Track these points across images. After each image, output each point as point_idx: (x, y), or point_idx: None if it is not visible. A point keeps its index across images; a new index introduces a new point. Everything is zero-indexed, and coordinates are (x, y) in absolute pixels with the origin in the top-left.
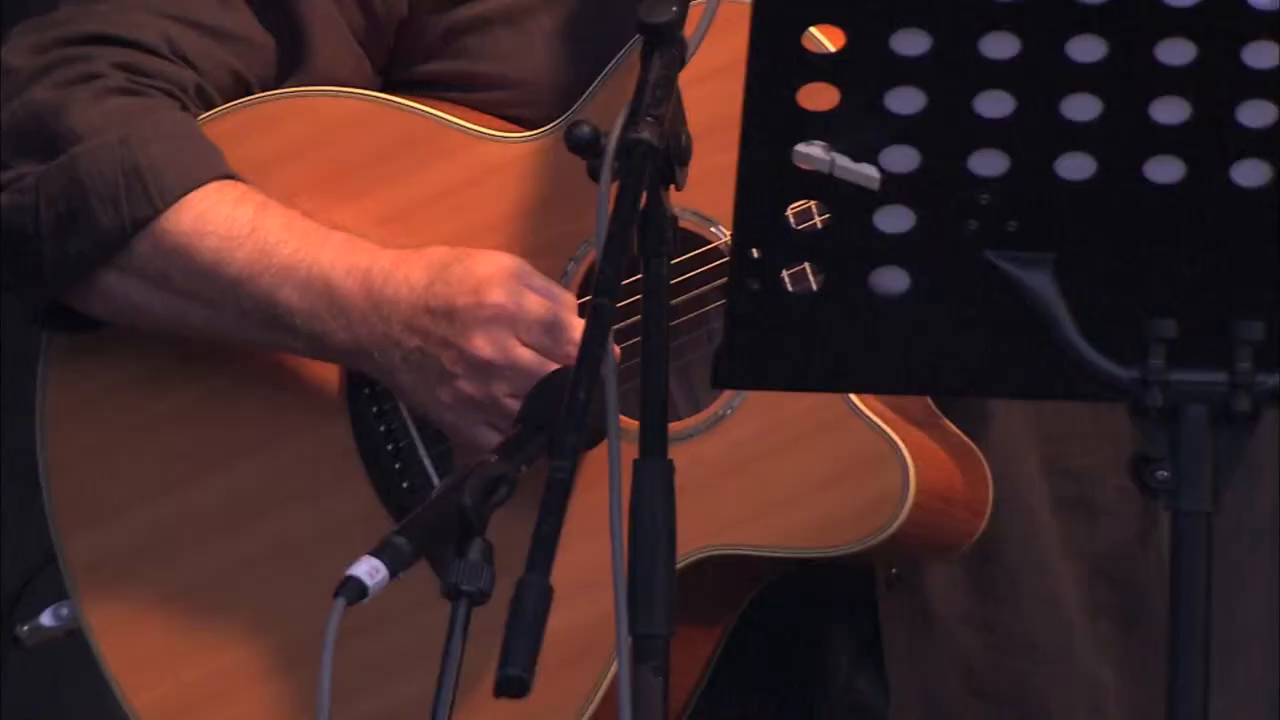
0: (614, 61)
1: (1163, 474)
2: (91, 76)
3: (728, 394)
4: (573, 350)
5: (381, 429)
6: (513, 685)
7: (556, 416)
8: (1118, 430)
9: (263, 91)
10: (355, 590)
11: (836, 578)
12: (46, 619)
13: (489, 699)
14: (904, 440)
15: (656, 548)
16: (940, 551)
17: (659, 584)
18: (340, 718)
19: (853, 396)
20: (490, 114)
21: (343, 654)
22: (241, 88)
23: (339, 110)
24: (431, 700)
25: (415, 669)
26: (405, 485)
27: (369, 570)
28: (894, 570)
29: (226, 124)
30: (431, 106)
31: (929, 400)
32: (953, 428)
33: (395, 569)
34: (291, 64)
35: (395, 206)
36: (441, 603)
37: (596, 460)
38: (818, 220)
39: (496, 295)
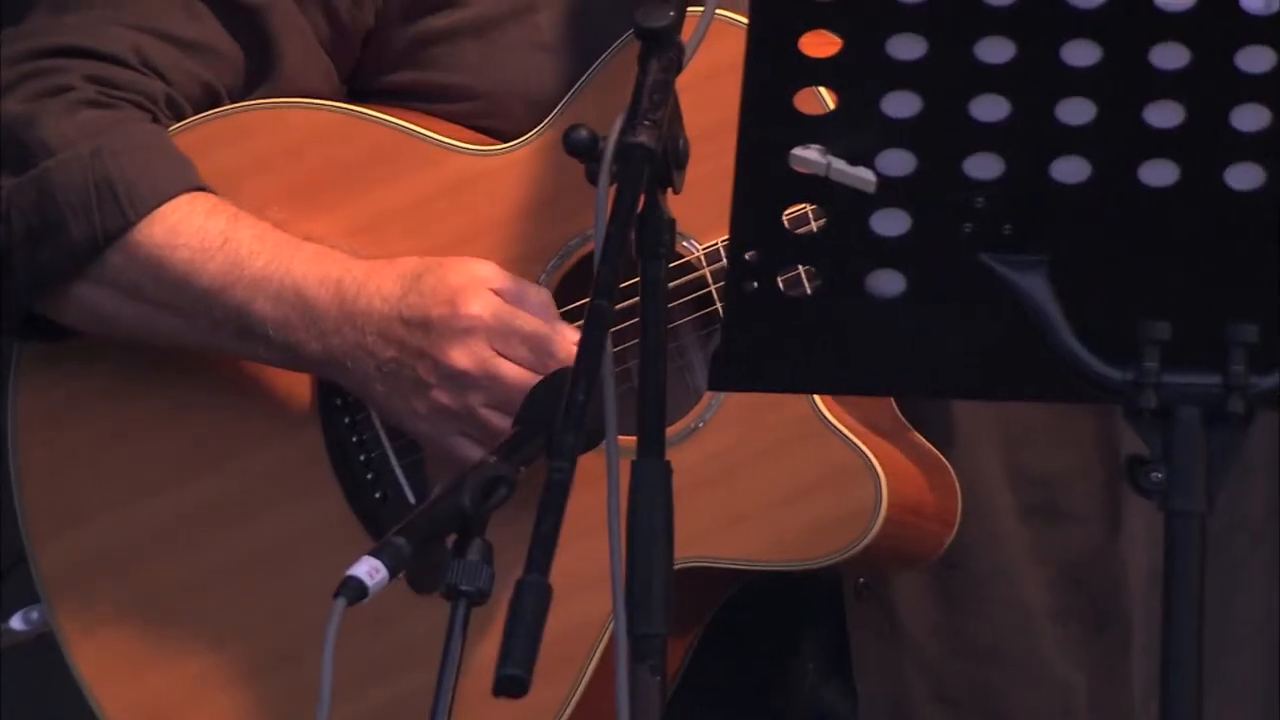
0: (591, 69)
1: (1156, 475)
2: (62, 89)
3: (700, 406)
4: (550, 358)
5: (353, 439)
6: (512, 684)
7: (554, 418)
8: (1082, 435)
9: (233, 102)
10: (355, 590)
11: (805, 587)
12: (16, 623)
13: (488, 699)
14: (876, 454)
15: (654, 548)
16: (910, 562)
17: (656, 584)
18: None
19: (825, 411)
20: (458, 124)
21: (340, 653)
22: (211, 98)
23: (309, 122)
24: (418, 700)
25: (400, 670)
26: (377, 495)
27: (369, 570)
28: (862, 580)
29: (197, 135)
30: (399, 117)
31: (896, 411)
32: (921, 439)
33: (395, 569)
34: (260, 74)
35: (367, 218)
36: (425, 604)
37: (589, 462)
38: (814, 224)
39: (472, 306)
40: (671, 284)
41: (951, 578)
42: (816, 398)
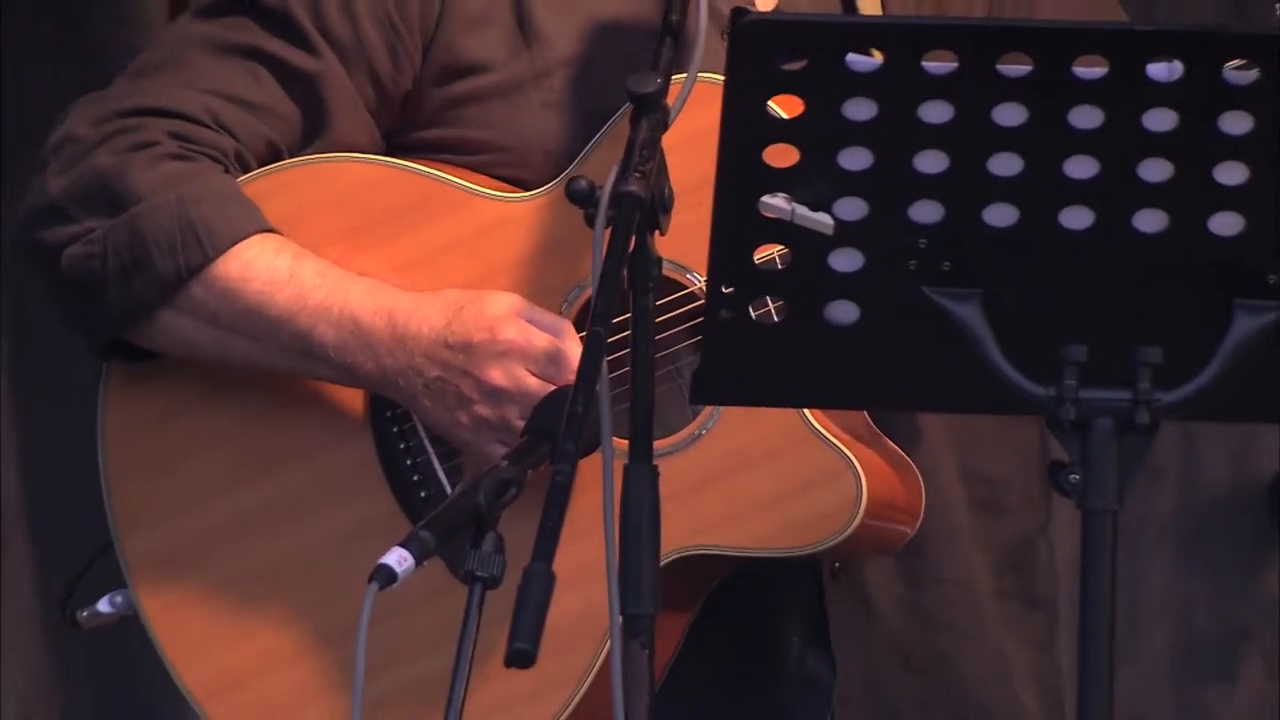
0: (602, 131)
1: (1074, 477)
2: (148, 144)
3: (704, 416)
4: (571, 375)
5: (401, 446)
6: (521, 657)
7: (558, 428)
8: (1021, 442)
9: (290, 156)
10: (386, 576)
11: (788, 571)
12: (103, 606)
13: (499, 671)
14: (856, 457)
15: (643, 539)
16: (883, 550)
17: (646, 570)
18: (371, 688)
19: (812, 419)
20: (482, 173)
21: (375, 633)
22: (273, 153)
23: (358, 173)
24: (448, 673)
25: (435, 647)
26: (422, 494)
27: (398, 559)
28: (837, 564)
29: (263, 184)
30: (434, 168)
31: (868, 419)
32: (891, 444)
33: (421, 558)
34: (314, 132)
35: (411, 255)
36: (455, 591)
37: (591, 466)
38: (777, 260)
39: (508, 332)
40: (676, 311)
41: (914, 562)
42: None
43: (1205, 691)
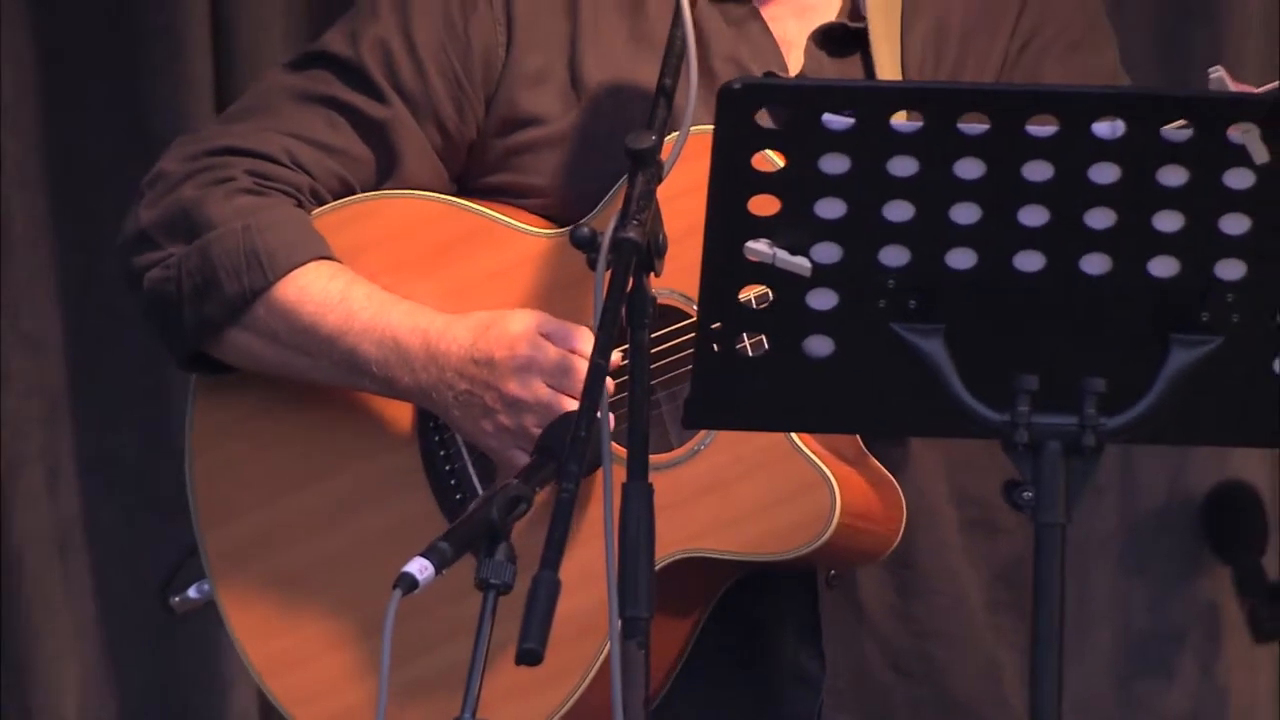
0: (619, 183)
1: (1027, 494)
2: (227, 180)
3: (701, 434)
4: (579, 385)
5: (441, 453)
6: (529, 655)
7: (563, 449)
8: (1009, 467)
9: (363, 192)
10: (409, 583)
11: (786, 579)
12: (192, 593)
13: (512, 665)
14: (834, 473)
15: (640, 550)
16: (863, 558)
17: (642, 577)
18: (402, 673)
19: (795, 438)
20: (534, 213)
21: (406, 626)
22: (347, 189)
23: (415, 208)
24: (467, 665)
25: (458, 640)
26: (458, 496)
27: (419, 567)
28: (832, 572)
29: (334, 217)
30: (487, 206)
31: (860, 443)
32: (876, 464)
33: (440, 566)
34: (385, 172)
35: (456, 284)
36: (471, 593)
37: (593, 484)
38: (752, 300)
39: (525, 348)
40: (685, 337)
41: (906, 574)
42: None
43: (1143, 687)
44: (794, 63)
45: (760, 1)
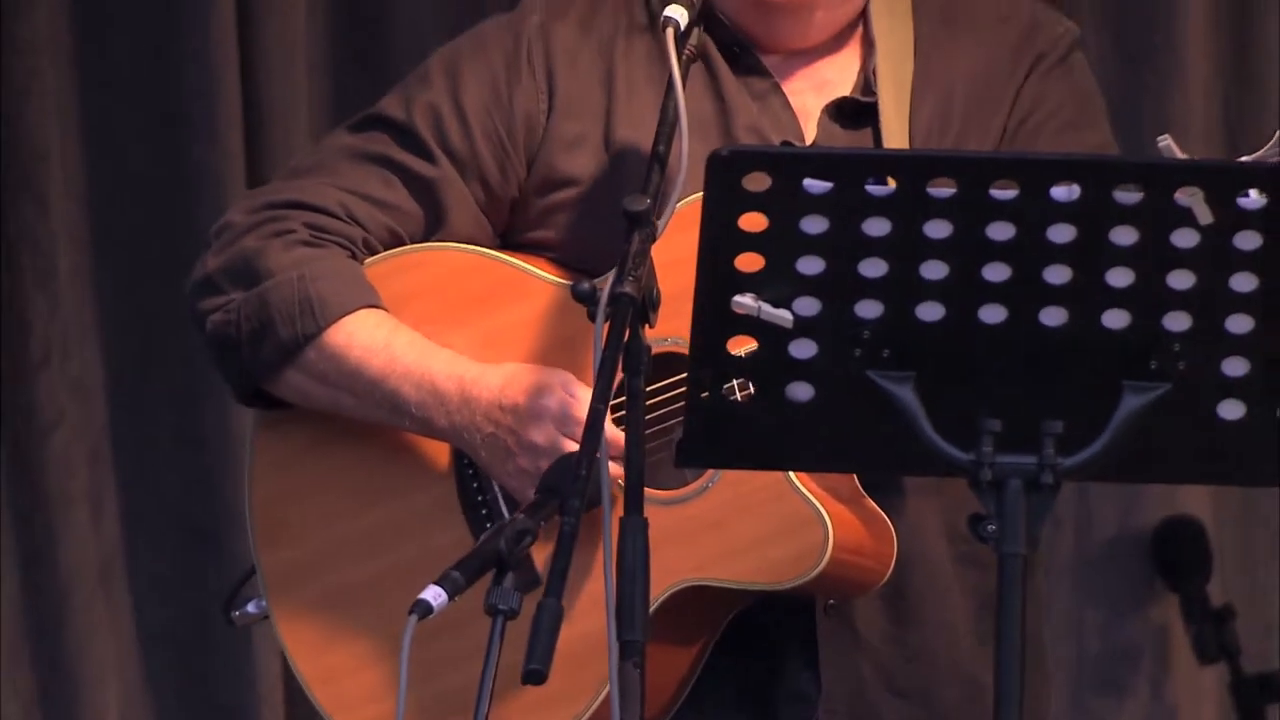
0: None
1: (991, 527)
2: (286, 232)
3: (709, 472)
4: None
5: (474, 486)
6: (534, 676)
7: (565, 486)
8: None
9: (412, 244)
10: (424, 609)
11: (787, 606)
12: (251, 608)
13: (528, 687)
14: (829, 511)
15: (637, 579)
16: (857, 589)
17: (639, 605)
18: (434, 685)
19: (794, 478)
20: (567, 266)
21: (439, 644)
22: (397, 241)
23: (457, 260)
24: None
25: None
26: (488, 527)
27: (434, 595)
28: (830, 601)
29: (384, 266)
30: (522, 259)
31: (855, 482)
32: (870, 503)
33: (453, 594)
34: (433, 226)
35: (490, 331)
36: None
37: (594, 518)
38: (741, 351)
39: (548, 400)
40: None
41: (900, 603)
42: None
43: (1098, 704)
44: (810, 133)
45: (781, 77)
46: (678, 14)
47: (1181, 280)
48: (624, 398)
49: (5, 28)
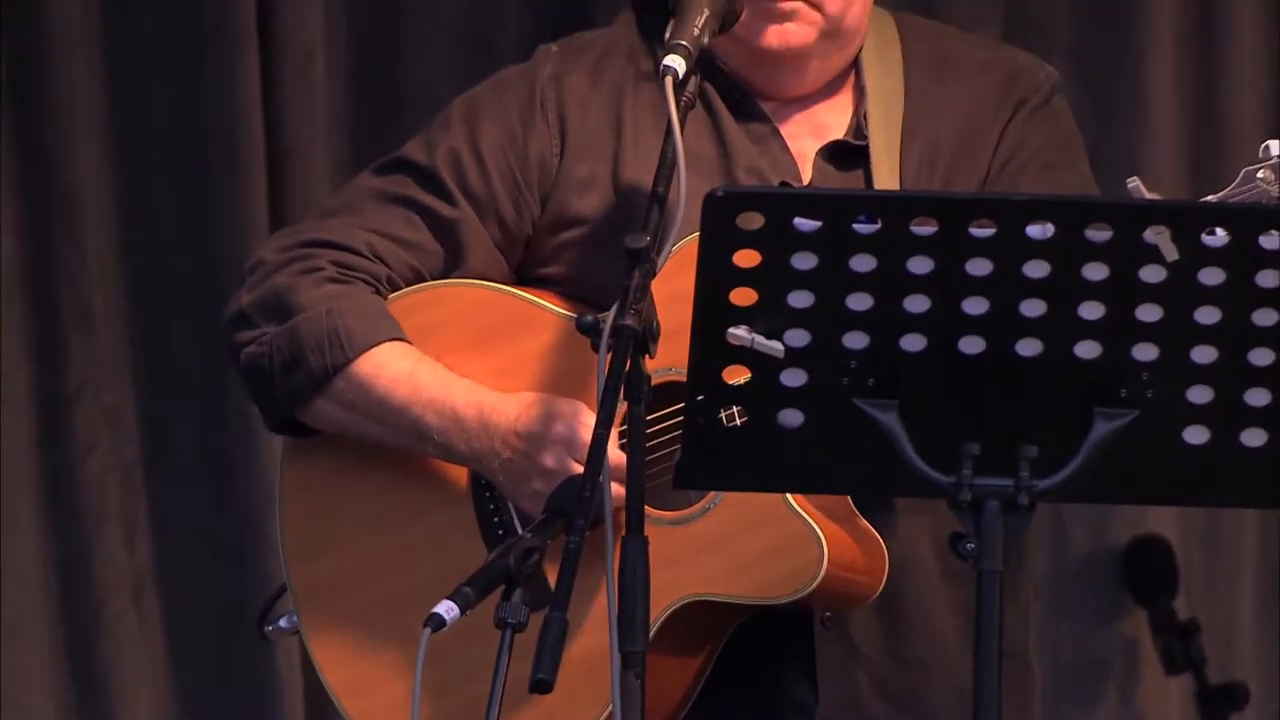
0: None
1: (970, 546)
2: (315, 269)
3: (711, 494)
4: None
5: (491, 507)
6: (541, 686)
7: (570, 507)
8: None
9: (432, 280)
10: (437, 622)
11: (786, 620)
12: (283, 623)
13: (543, 697)
14: (824, 530)
15: (637, 595)
16: (851, 603)
17: (639, 618)
18: (459, 693)
19: (791, 499)
20: (576, 300)
21: (464, 654)
22: (418, 277)
23: (474, 296)
24: (517, 687)
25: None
26: (499, 547)
27: (446, 609)
28: (827, 614)
29: (406, 302)
30: (534, 294)
31: (849, 503)
32: (864, 522)
33: (464, 608)
34: (453, 263)
35: (505, 362)
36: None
37: (598, 537)
38: (736, 380)
39: (561, 428)
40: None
41: (893, 617)
42: None
43: (1071, 710)
44: (807, 174)
45: (779, 121)
46: (676, 64)
47: (1149, 313)
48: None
49: (45, 89)
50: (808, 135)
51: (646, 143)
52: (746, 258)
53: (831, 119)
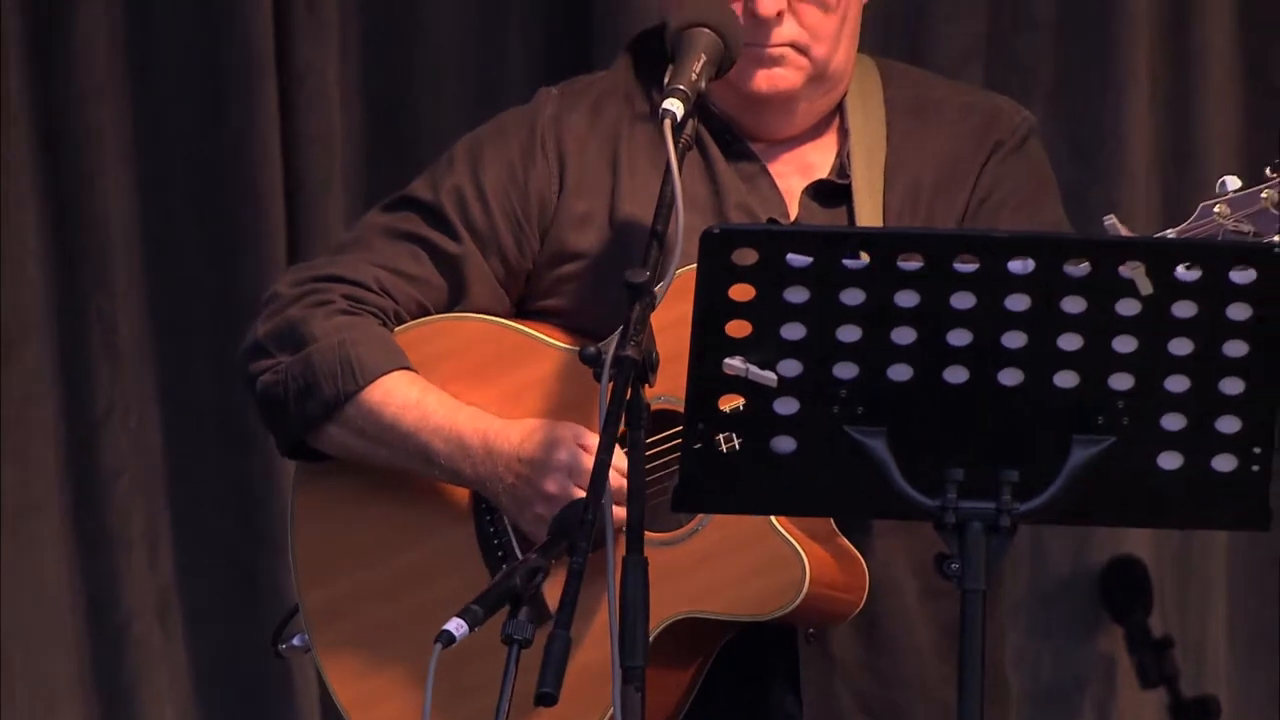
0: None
1: (954, 566)
2: (326, 302)
3: (699, 516)
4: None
5: (492, 530)
6: (545, 699)
7: (573, 529)
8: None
9: (436, 314)
10: (447, 639)
11: (772, 635)
12: (296, 641)
13: (545, 709)
14: (806, 550)
15: (637, 611)
16: (833, 619)
17: (639, 634)
18: (471, 705)
19: (774, 521)
20: (574, 331)
21: (474, 667)
22: (423, 310)
23: (476, 328)
24: (524, 698)
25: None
26: (504, 565)
27: (456, 626)
28: (810, 630)
29: (411, 334)
30: (533, 327)
31: (831, 524)
32: (844, 542)
33: (473, 625)
34: (456, 297)
35: (506, 392)
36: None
37: (596, 558)
38: (731, 407)
39: (562, 454)
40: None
41: (873, 632)
42: None
43: None
44: (794, 211)
45: (768, 160)
46: (675, 107)
47: (1125, 344)
48: (627, 449)
49: (73, 126)
50: (795, 174)
51: (642, 180)
52: (741, 291)
53: (817, 158)
